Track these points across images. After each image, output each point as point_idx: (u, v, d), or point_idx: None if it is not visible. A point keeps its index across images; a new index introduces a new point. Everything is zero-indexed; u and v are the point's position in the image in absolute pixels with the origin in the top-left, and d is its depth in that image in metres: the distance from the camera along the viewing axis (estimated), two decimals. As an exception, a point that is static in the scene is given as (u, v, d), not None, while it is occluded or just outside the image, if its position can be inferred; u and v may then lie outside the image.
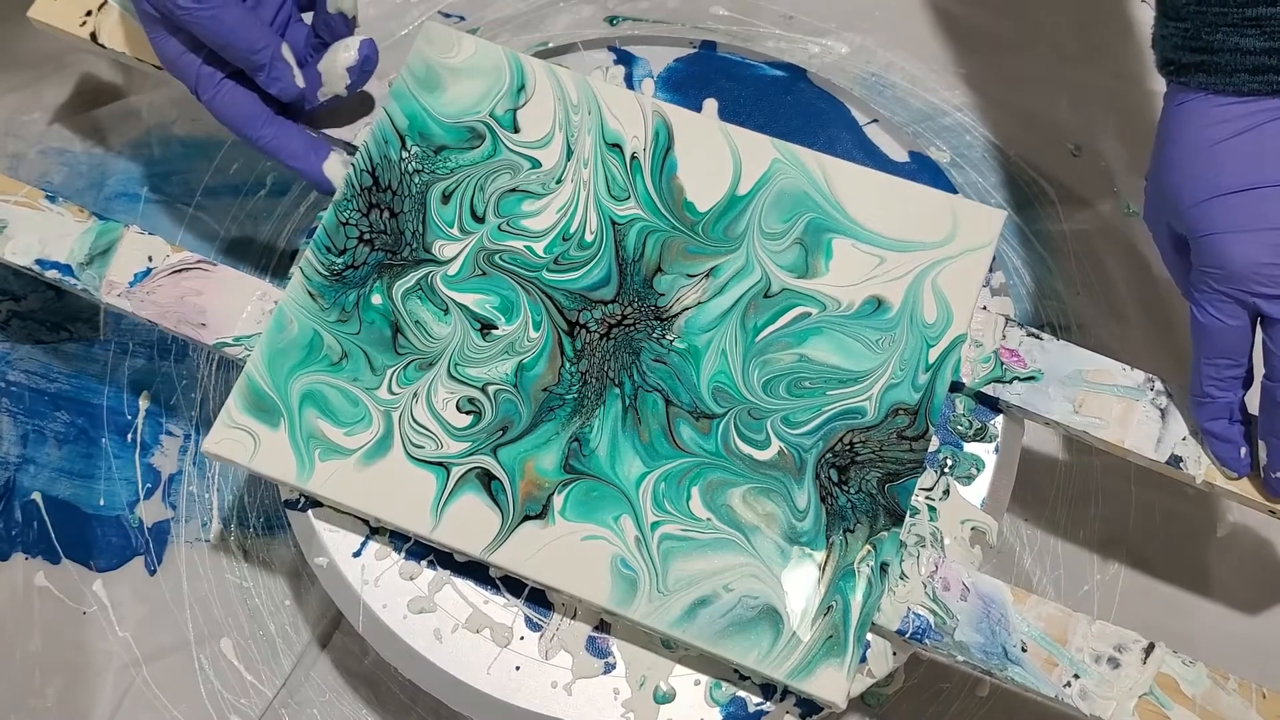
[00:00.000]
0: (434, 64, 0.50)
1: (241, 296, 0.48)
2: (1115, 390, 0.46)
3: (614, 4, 0.61)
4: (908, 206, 0.47)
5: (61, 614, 0.54)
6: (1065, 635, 0.43)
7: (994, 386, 0.46)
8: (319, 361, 0.46)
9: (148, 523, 0.55)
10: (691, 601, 0.42)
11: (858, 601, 0.42)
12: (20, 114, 0.61)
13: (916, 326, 0.46)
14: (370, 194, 0.48)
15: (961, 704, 0.50)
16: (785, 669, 0.42)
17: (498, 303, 0.46)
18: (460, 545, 0.44)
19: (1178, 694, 0.43)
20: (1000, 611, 0.44)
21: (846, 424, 0.45)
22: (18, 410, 0.57)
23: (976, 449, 0.47)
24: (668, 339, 0.46)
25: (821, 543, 0.43)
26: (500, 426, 0.45)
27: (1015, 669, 0.43)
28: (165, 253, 0.48)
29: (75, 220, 0.49)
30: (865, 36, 0.61)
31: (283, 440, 0.44)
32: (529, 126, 0.49)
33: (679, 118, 0.49)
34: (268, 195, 0.60)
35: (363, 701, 0.53)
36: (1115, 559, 0.52)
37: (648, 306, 0.46)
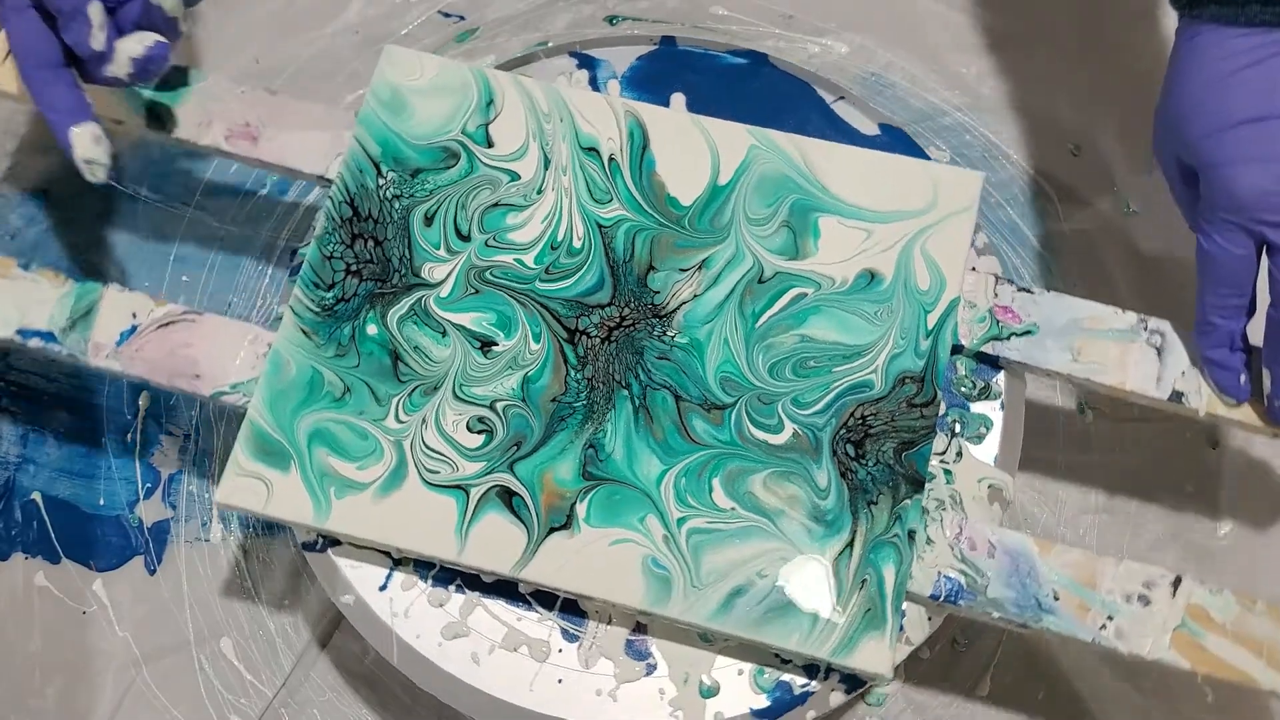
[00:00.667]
0: (399, 87, 0.49)
1: (232, 343, 0.47)
2: (1110, 334, 0.47)
3: (614, 4, 0.61)
4: (887, 178, 0.48)
5: (61, 614, 0.54)
6: (1094, 579, 0.44)
7: (993, 345, 0.47)
8: (322, 399, 0.45)
9: (148, 523, 0.55)
10: (727, 592, 0.42)
11: (890, 572, 0.43)
12: (20, 114, 0.61)
13: (911, 295, 0.46)
14: (352, 224, 0.47)
15: (961, 703, 0.50)
16: (828, 648, 0.42)
17: (494, 319, 0.46)
18: (489, 566, 0.43)
19: (1209, 622, 0.43)
20: (1028, 564, 0.44)
21: (856, 398, 0.45)
22: (18, 410, 0.57)
23: (983, 408, 0.47)
24: (669, 335, 0.46)
25: (847, 519, 0.43)
26: (514, 442, 0.44)
27: (1050, 618, 0.43)
28: (149, 308, 0.48)
29: (51, 285, 0.48)
30: (865, 36, 0.61)
31: (295, 482, 0.44)
32: (503, 140, 0.49)
33: (651, 115, 0.49)
34: (268, 195, 0.60)
35: (363, 701, 0.52)
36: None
37: (645, 305, 0.46)
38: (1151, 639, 0.43)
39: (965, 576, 0.44)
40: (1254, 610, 0.44)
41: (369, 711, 0.52)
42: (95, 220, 0.59)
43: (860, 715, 0.50)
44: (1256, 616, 0.44)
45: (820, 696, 0.44)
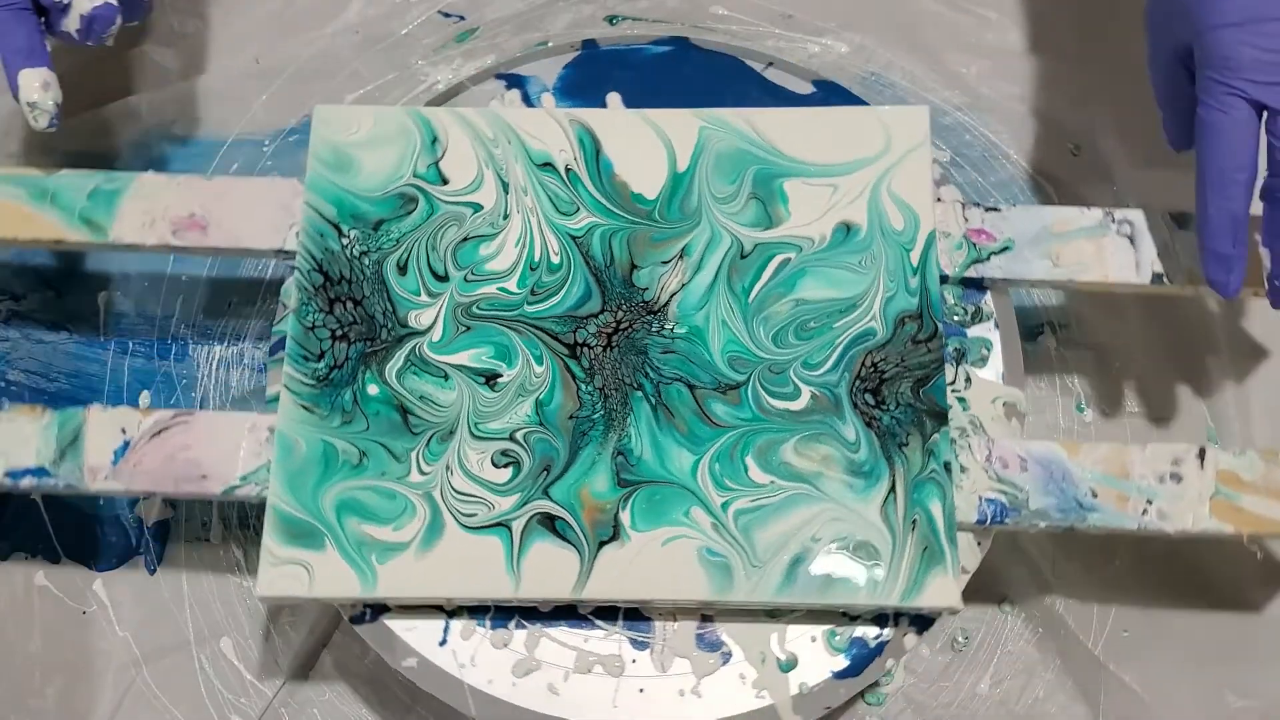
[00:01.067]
0: (339, 145, 0.49)
1: (232, 436, 0.46)
2: (1082, 233, 0.48)
3: (614, 3, 0.61)
4: (838, 131, 0.49)
5: (61, 614, 0.53)
6: (1125, 469, 0.45)
7: (975, 268, 0.48)
8: (340, 470, 0.44)
9: (148, 523, 0.54)
10: (787, 564, 0.43)
11: (937, 507, 0.43)
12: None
13: (889, 237, 0.47)
14: (326, 290, 0.47)
15: (962, 702, 0.51)
16: (896, 594, 0.42)
17: (492, 351, 0.46)
18: (548, 595, 0.43)
19: (1241, 484, 0.45)
20: (1061, 469, 0.45)
21: (863, 348, 0.45)
22: None
23: (979, 331, 0.48)
24: (667, 329, 0.46)
25: (883, 466, 0.44)
26: (543, 467, 0.44)
27: (1094, 515, 0.45)
28: (137, 420, 0.46)
29: (29, 420, 0.46)
30: (865, 36, 0.60)
31: (334, 558, 0.43)
32: (456, 174, 0.48)
33: (597, 119, 0.49)
34: None
35: (363, 701, 0.52)
36: (1116, 556, 0.52)
37: (636, 305, 0.46)
38: (1192, 512, 0.45)
39: (1005, 495, 0.45)
40: (1277, 461, 0.45)
41: (369, 711, 0.52)
42: None
43: (860, 715, 0.50)
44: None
45: (895, 643, 0.45)
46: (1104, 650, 0.51)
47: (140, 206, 0.49)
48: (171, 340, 0.57)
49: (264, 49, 0.61)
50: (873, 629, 0.45)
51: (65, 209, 0.49)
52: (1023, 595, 0.52)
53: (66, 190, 0.49)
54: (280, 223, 0.49)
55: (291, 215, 0.49)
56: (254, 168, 0.59)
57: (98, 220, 0.49)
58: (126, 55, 0.60)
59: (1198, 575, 0.52)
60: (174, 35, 0.61)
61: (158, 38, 0.61)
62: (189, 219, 0.49)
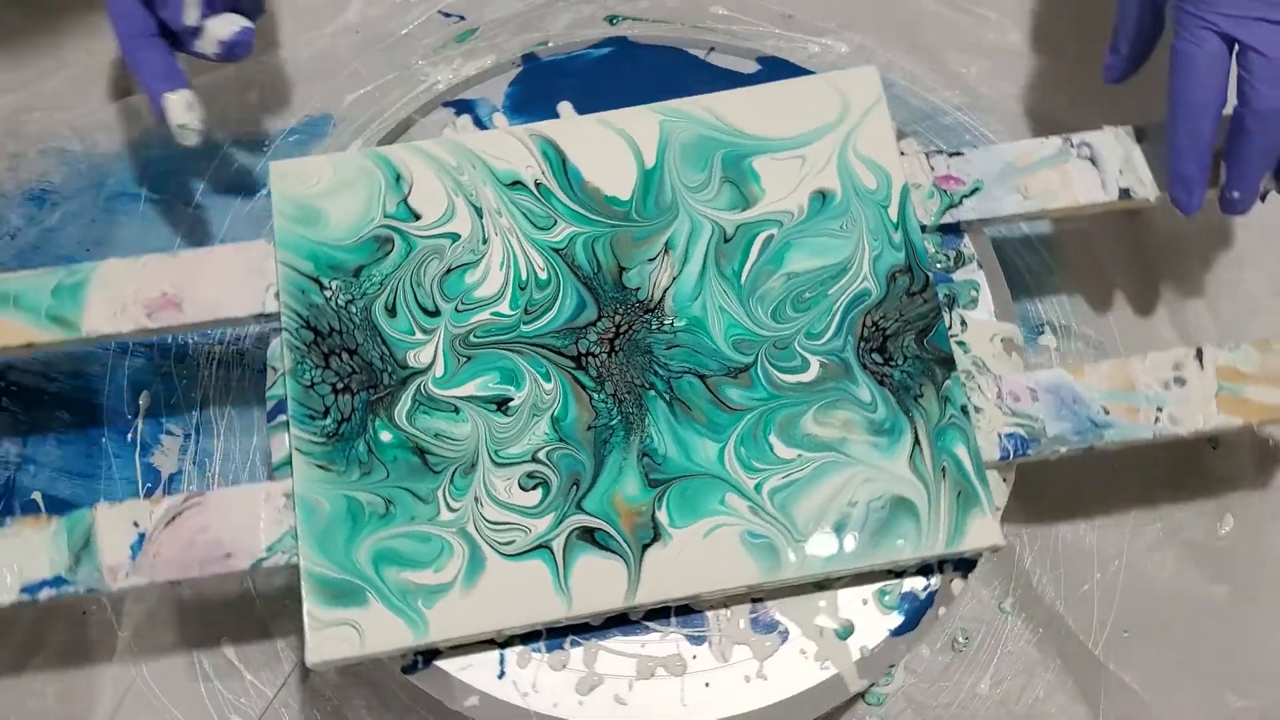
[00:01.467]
0: (302, 198, 0.48)
1: (249, 510, 0.45)
2: (1044, 163, 0.49)
3: (614, 3, 0.61)
4: (794, 102, 0.49)
5: (61, 614, 0.53)
6: (1131, 382, 0.46)
7: (950, 214, 0.49)
8: (368, 522, 0.43)
9: None
10: (829, 534, 0.43)
11: (963, 450, 0.44)
12: (20, 114, 0.60)
13: (865, 198, 0.48)
14: (318, 345, 0.46)
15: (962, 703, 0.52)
16: (940, 542, 0.43)
17: (498, 377, 0.45)
18: (601, 607, 0.43)
19: (1241, 376, 0.46)
20: (1070, 392, 0.46)
21: (861, 310, 0.46)
22: (18, 410, 0.56)
23: (964, 274, 0.49)
24: (668, 324, 0.46)
25: (903, 420, 0.44)
26: (571, 483, 0.44)
27: (1110, 432, 0.46)
28: (148, 510, 0.45)
29: (36, 530, 0.45)
30: (865, 36, 0.60)
31: (381, 612, 0.42)
32: (427, 208, 0.48)
33: (556, 130, 0.49)
34: (268, 195, 0.58)
35: (363, 701, 0.51)
36: (1115, 558, 0.53)
37: (632, 306, 0.46)
38: (1201, 412, 0.46)
39: (1023, 427, 0.46)
40: (1272, 349, 0.47)
41: (369, 712, 0.51)
42: (95, 220, 0.59)
43: (860, 715, 0.51)
44: (1275, 354, 0.47)
45: (943, 591, 0.45)
46: (1104, 650, 0.51)
47: (107, 295, 0.48)
48: (171, 340, 0.57)
49: (264, 49, 0.61)
50: (920, 580, 0.45)
51: (31, 310, 0.48)
52: (1023, 595, 0.52)
53: (28, 292, 0.48)
54: (255, 286, 0.48)
55: (265, 277, 0.48)
56: (254, 168, 0.59)
57: (66, 317, 0.47)
58: None
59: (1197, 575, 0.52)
60: None
61: None
62: (161, 299, 0.48)
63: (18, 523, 0.45)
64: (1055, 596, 0.52)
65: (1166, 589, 0.52)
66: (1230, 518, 0.53)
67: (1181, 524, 0.53)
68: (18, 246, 0.58)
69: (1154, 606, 0.52)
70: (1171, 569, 0.52)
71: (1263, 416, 0.46)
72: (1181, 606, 0.52)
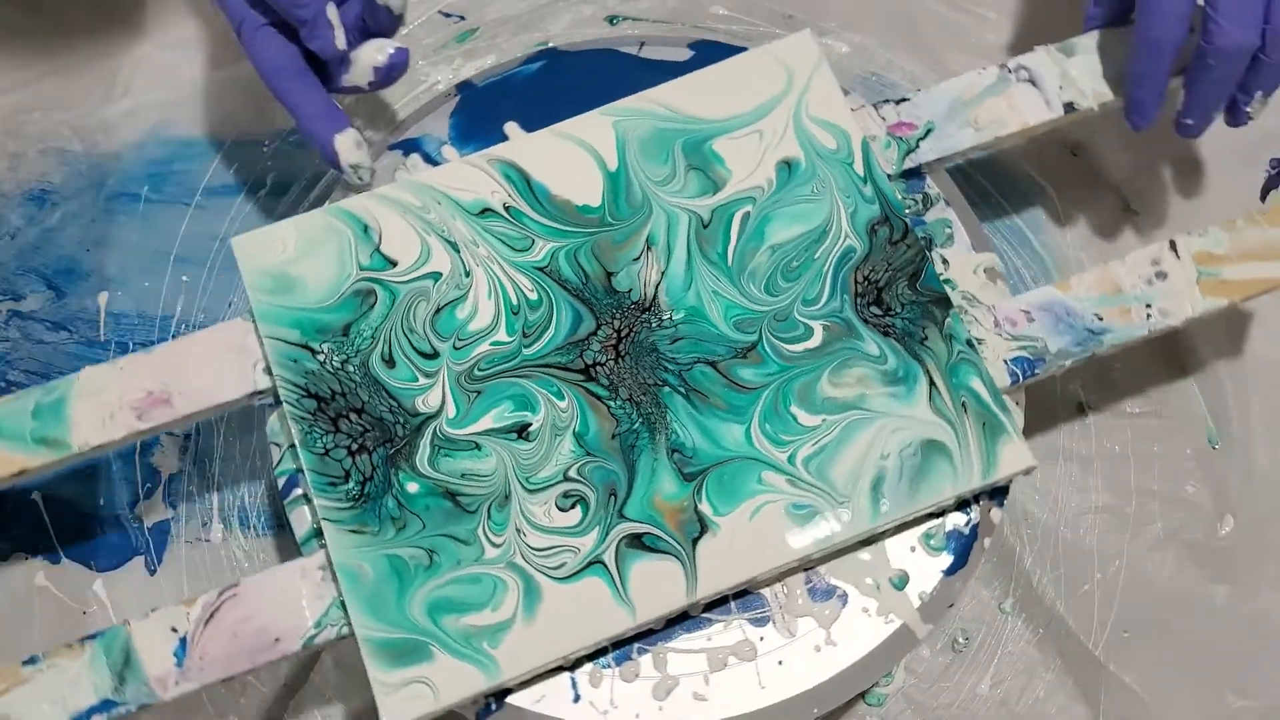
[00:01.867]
0: (272, 269, 0.47)
1: (288, 589, 0.44)
2: (988, 93, 0.51)
3: (614, 4, 0.60)
4: (739, 80, 0.50)
5: (61, 614, 0.53)
6: (1117, 284, 0.48)
7: (909, 159, 0.50)
8: (415, 576, 0.43)
9: (148, 523, 0.55)
10: (870, 490, 0.44)
11: (977, 382, 0.45)
12: (20, 114, 0.60)
13: (828, 159, 0.48)
14: (324, 412, 0.45)
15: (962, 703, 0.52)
16: (977, 475, 0.44)
17: (512, 405, 0.45)
18: (666, 609, 0.43)
19: (1216, 259, 0.48)
20: (1063, 307, 0.47)
21: (849, 267, 0.47)
22: None
23: (935, 214, 0.50)
24: (667, 319, 0.46)
25: (914, 365, 0.45)
26: (608, 494, 0.44)
27: (1108, 336, 0.47)
28: (183, 613, 0.44)
29: (72, 660, 0.43)
30: (865, 36, 0.60)
31: (449, 662, 0.42)
32: (401, 253, 0.47)
33: (513, 150, 0.49)
34: (268, 195, 0.59)
35: (363, 701, 0.51)
36: (1115, 558, 0.53)
37: (628, 308, 0.46)
38: (1187, 300, 0.47)
39: (1025, 349, 0.47)
40: (1237, 229, 0.48)
41: (368, 712, 0.51)
42: (95, 220, 0.59)
43: (860, 715, 0.51)
44: (1243, 232, 0.48)
45: (984, 523, 0.46)
46: (1104, 650, 0.51)
47: (91, 405, 0.46)
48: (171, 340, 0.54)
49: None
50: (960, 516, 0.46)
51: (15, 437, 0.46)
52: (1023, 595, 0.53)
53: (8, 418, 0.46)
54: (243, 366, 0.47)
55: (250, 354, 0.47)
56: (255, 168, 0.59)
57: (54, 436, 0.46)
58: (127, 55, 0.60)
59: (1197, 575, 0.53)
60: (174, 36, 0.61)
61: (158, 38, 0.61)
62: (148, 398, 0.46)
63: (50, 655, 0.44)
64: (1055, 596, 0.53)
65: (1166, 589, 0.52)
66: (1230, 518, 0.53)
67: (1181, 524, 0.53)
68: (18, 246, 0.58)
69: (1154, 606, 0.52)
70: (1171, 569, 0.53)
71: (1244, 293, 0.48)
72: (1181, 606, 0.52)
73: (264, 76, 0.48)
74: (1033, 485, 0.55)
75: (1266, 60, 0.46)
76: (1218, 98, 0.48)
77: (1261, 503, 0.53)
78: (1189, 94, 0.48)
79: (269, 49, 0.48)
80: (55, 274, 0.58)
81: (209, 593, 0.44)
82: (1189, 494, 0.54)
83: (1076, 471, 0.55)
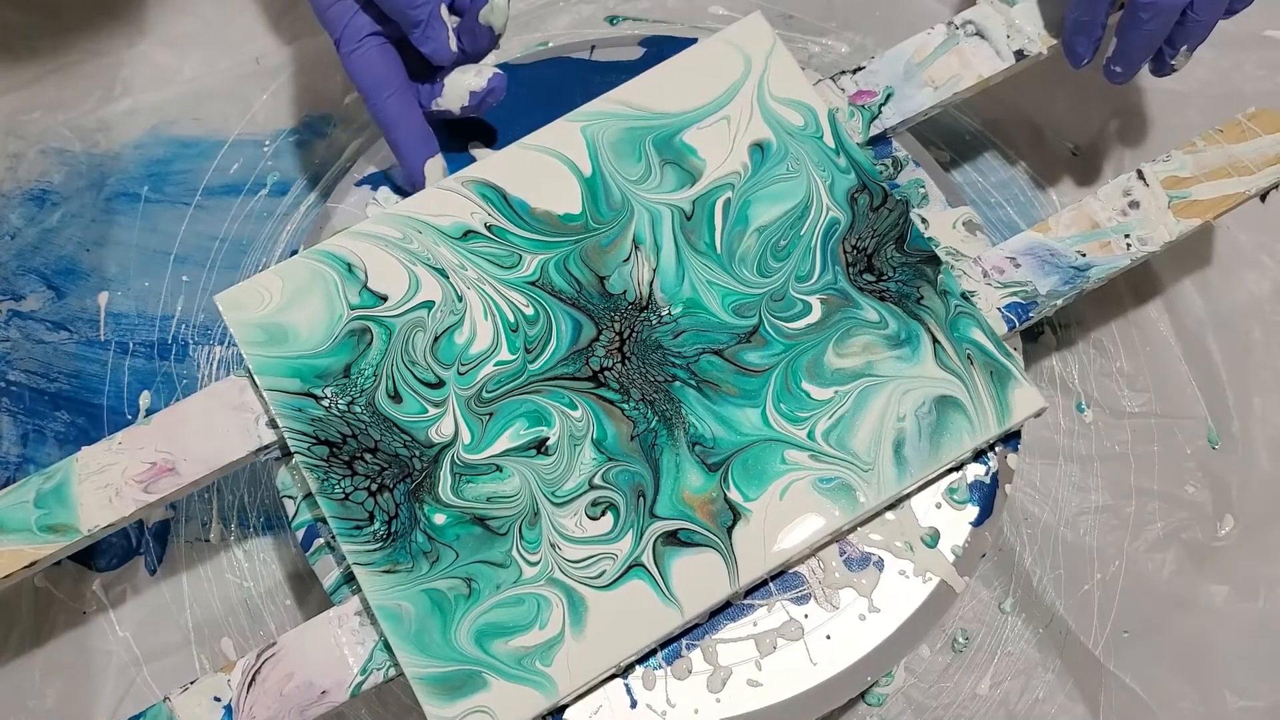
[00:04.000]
0: (261, 321, 0.46)
1: (326, 641, 0.43)
2: (939, 51, 0.51)
3: (614, 4, 0.60)
4: (698, 69, 0.50)
5: (61, 614, 0.53)
6: (1093, 220, 0.49)
7: (874, 125, 0.50)
8: (457, 607, 0.42)
9: (148, 523, 0.55)
10: (892, 453, 0.44)
11: (978, 333, 0.46)
12: (20, 114, 0.61)
13: (798, 136, 0.49)
14: (337, 456, 0.44)
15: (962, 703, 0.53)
16: (993, 424, 0.44)
17: (526, 423, 0.45)
18: (713, 601, 0.43)
19: (1183, 181, 0.49)
20: (1046, 249, 0.48)
21: (836, 239, 0.47)
22: (18, 410, 0.57)
23: (906, 176, 0.51)
24: (665, 314, 0.46)
25: (915, 325, 0.46)
26: (636, 496, 0.44)
27: (1093, 271, 0.48)
28: (223, 681, 0.43)
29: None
30: (865, 36, 0.60)
31: (505, 687, 0.41)
32: (390, 287, 0.47)
33: (486, 170, 0.48)
34: (268, 195, 0.59)
35: (362, 701, 0.52)
36: (1115, 558, 0.53)
37: (625, 310, 0.46)
38: (1163, 225, 0.48)
39: (1016, 294, 0.47)
40: (1198, 150, 0.50)
41: (368, 712, 0.52)
42: (95, 220, 0.59)
43: (860, 715, 0.52)
44: (1204, 153, 0.50)
45: (1003, 470, 0.47)
46: (1104, 650, 0.52)
47: (94, 485, 0.45)
48: (172, 340, 0.57)
49: (265, 49, 0.61)
50: (978, 467, 0.46)
51: (21, 530, 0.45)
52: (1023, 595, 0.53)
53: (10, 511, 0.45)
54: (244, 422, 0.46)
55: (250, 410, 0.46)
56: (255, 167, 0.59)
57: (61, 523, 0.45)
58: (127, 55, 0.60)
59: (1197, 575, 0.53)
60: (174, 35, 0.61)
61: (158, 38, 0.61)
62: (153, 470, 0.45)
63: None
64: (1055, 596, 0.53)
65: (1166, 589, 0.53)
66: (1230, 518, 0.53)
67: (1181, 524, 0.54)
68: (18, 246, 0.58)
69: (1154, 606, 0.52)
70: (1171, 569, 0.53)
71: (1215, 210, 0.49)
72: (1181, 606, 0.52)
73: (364, 91, 0.48)
74: (1033, 485, 0.55)
75: (1194, 17, 0.48)
76: (1146, 49, 0.50)
77: (1261, 503, 0.53)
78: (1119, 43, 0.50)
79: (373, 63, 0.47)
80: (55, 274, 0.58)
81: (246, 655, 0.43)
82: (1189, 494, 0.54)
83: (1076, 471, 0.55)
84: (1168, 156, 0.50)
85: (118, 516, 0.45)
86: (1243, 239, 0.57)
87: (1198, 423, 0.55)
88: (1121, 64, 0.50)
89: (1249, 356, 0.55)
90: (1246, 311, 0.56)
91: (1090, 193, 0.49)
